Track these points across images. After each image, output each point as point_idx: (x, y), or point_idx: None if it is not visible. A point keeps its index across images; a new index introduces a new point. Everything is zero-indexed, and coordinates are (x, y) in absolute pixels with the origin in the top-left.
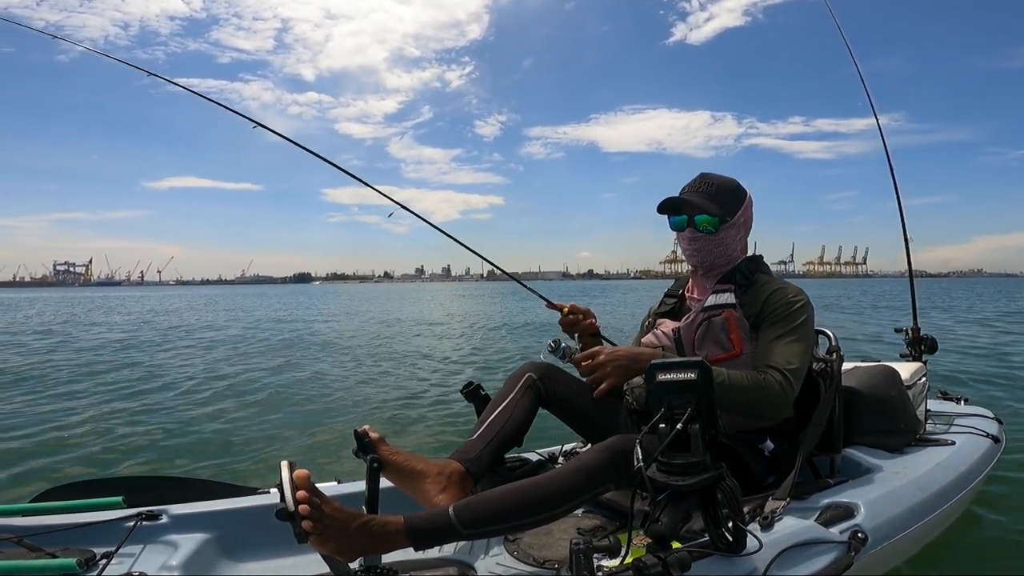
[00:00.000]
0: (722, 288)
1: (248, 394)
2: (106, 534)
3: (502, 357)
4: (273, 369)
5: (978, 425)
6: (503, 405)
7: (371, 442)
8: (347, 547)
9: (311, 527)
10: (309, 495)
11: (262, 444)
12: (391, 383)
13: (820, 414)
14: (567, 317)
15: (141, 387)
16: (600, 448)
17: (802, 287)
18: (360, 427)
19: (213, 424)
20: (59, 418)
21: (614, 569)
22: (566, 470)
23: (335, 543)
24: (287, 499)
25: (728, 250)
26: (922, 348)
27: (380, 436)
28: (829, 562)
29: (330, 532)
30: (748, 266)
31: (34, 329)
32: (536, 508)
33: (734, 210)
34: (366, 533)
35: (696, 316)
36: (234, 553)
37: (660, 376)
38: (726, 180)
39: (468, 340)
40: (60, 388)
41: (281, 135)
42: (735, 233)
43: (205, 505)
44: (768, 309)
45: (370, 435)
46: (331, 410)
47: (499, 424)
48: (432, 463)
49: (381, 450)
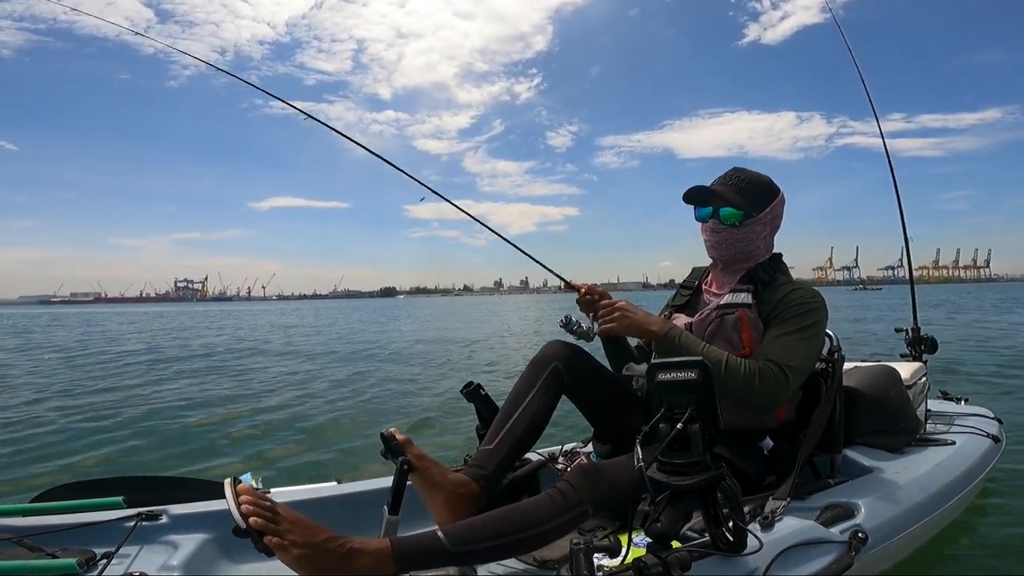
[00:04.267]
0: (741, 287)
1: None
2: (106, 534)
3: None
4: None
5: (978, 425)
6: (525, 403)
7: (399, 444)
8: (317, 563)
9: (274, 542)
10: (256, 506)
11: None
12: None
13: (821, 414)
14: (584, 297)
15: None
16: (575, 470)
17: (906, 293)
18: (387, 429)
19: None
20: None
21: (614, 569)
22: (545, 493)
23: (304, 555)
24: (234, 515)
25: (751, 246)
26: (922, 348)
27: (407, 438)
28: (829, 562)
29: (295, 540)
30: (770, 265)
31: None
32: (519, 526)
33: (762, 206)
34: (338, 552)
35: (710, 312)
36: (234, 553)
37: (660, 376)
38: (758, 176)
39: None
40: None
41: (370, 150)
42: (760, 230)
43: (205, 505)
44: (781, 307)
45: (397, 437)
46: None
47: (520, 428)
48: (449, 477)
49: (410, 452)
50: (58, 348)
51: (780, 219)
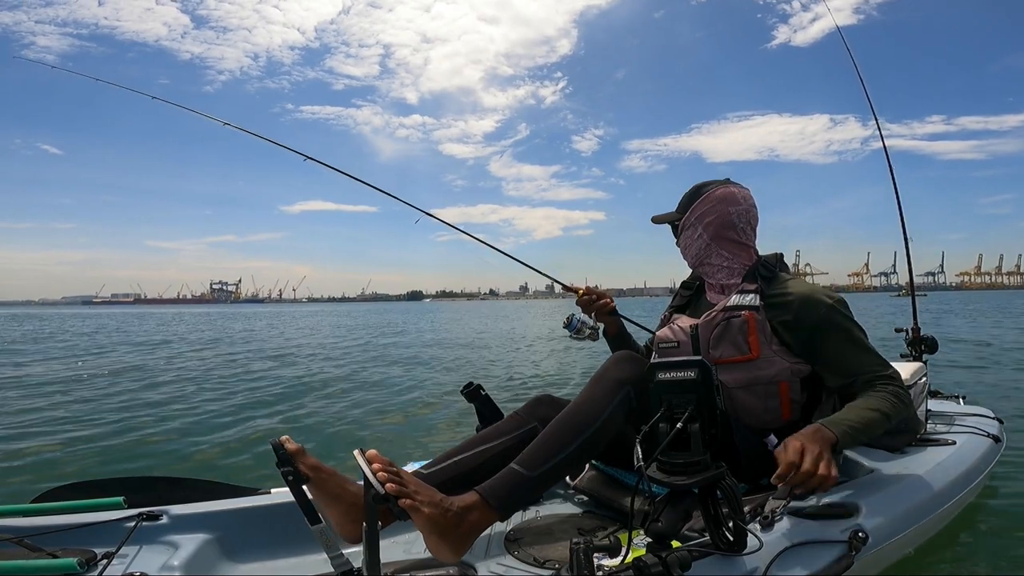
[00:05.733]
0: (748, 288)
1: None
2: (106, 534)
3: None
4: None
5: (979, 425)
6: (483, 447)
7: (289, 454)
8: (441, 523)
9: (408, 503)
10: (388, 472)
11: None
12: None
13: (821, 414)
14: (583, 298)
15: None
16: (606, 363)
17: (951, 300)
18: (278, 438)
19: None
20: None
21: (614, 569)
22: (583, 389)
23: (432, 515)
24: (372, 483)
25: (691, 250)
26: (922, 348)
27: (299, 447)
28: (829, 562)
29: (422, 501)
30: (764, 265)
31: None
32: (577, 429)
33: (686, 210)
34: (452, 510)
35: (716, 314)
36: (235, 553)
37: (660, 375)
38: (697, 185)
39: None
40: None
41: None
42: (692, 232)
43: (205, 505)
44: (813, 317)
45: (287, 447)
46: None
47: (464, 467)
48: (350, 490)
49: (303, 462)
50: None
51: (725, 215)
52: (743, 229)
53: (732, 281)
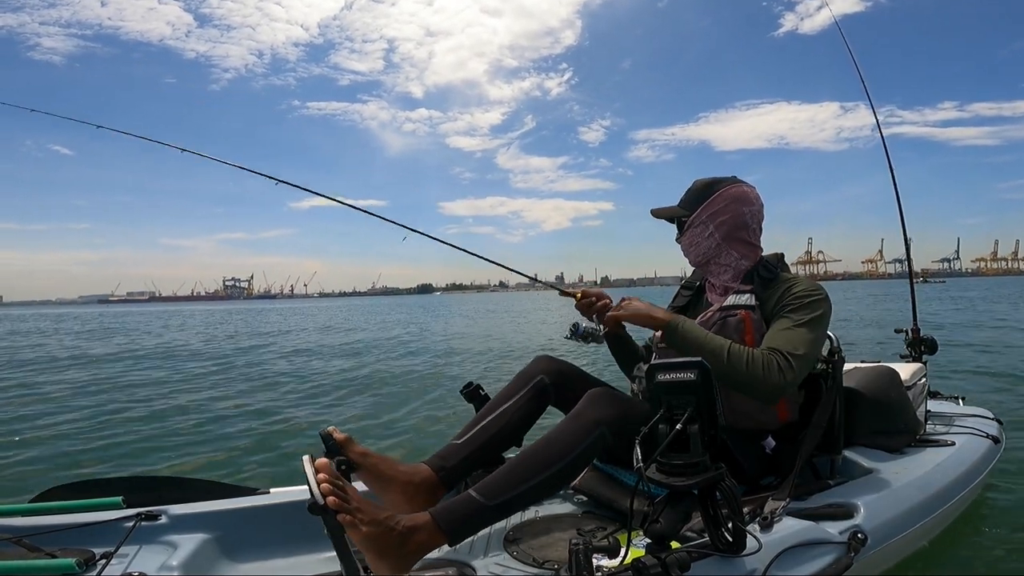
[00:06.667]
0: (744, 288)
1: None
2: (106, 534)
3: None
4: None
5: (978, 426)
6: (502, 408)
7: (338, 443)
8: (382, 542)
9: (347, 520)
10: (332, 485)
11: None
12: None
13: (821, 415)
14: (581, 302)
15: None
16: (586, 396)
17: (971, 286)
18: (324, 428)
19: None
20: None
21: (614, 569)
22: (560, 422)
23: (371, 534)
24: (314, 493)
25: (699, 248)
26: (922, 349)
27: (347, 436)
28: (829, 562)
29: (363, 519)
30: (765, 265)
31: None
32: (544, 464)
33: (696, 206)
34: (396, 530)
35: (713, 314)
36: (234, 553)
37: (660, 376)
38: (704, 180)
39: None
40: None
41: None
42: (701, 230)
43: (205, 505)
44: (784, 300)
45: (335, 436)
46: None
47: (492, 429)
48: (401, 469)
49: (351, 450)
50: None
51: (739, 215)
52: (754, 230)
53: (734, 284)
